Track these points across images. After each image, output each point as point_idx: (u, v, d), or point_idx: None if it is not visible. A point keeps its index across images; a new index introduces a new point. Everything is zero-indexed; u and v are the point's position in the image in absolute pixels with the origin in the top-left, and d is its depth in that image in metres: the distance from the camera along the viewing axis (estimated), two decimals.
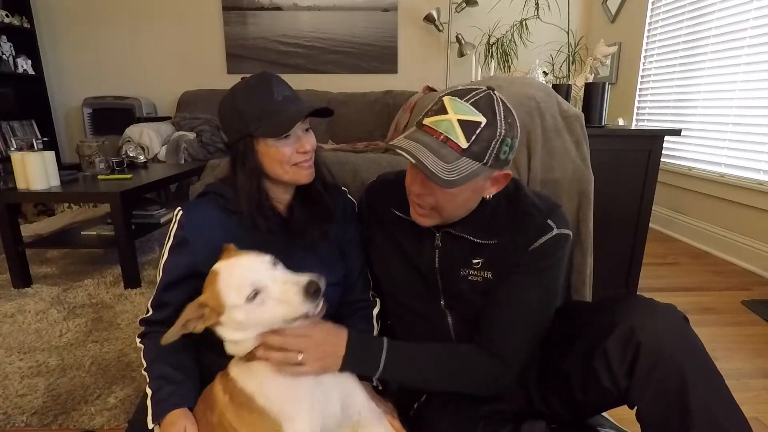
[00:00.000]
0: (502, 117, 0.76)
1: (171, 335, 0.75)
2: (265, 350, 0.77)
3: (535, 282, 0.87)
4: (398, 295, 1.01)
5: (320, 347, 0.80)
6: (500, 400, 0.91)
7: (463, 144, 0.75)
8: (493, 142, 0.76)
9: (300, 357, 0.77)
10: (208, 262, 0.84)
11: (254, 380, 0.77)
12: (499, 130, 0.76)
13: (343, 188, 1.11)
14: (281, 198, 0.99)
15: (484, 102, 0.76)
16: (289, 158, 0.90)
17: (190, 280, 0.90)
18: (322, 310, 0.77)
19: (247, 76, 0.92)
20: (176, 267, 0.90)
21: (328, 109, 0.93)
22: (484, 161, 0.76)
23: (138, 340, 0.93)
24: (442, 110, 0.78)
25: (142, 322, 0.93)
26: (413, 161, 0.74)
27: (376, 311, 1.05)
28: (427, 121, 0.79)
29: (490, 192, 0.85)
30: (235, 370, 0.80)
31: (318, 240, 0.99)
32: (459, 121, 0.75)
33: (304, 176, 0.94)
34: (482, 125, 0.75)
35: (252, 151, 0.90)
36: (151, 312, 0.91)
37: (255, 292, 0.73)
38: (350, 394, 0.85)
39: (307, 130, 0.94)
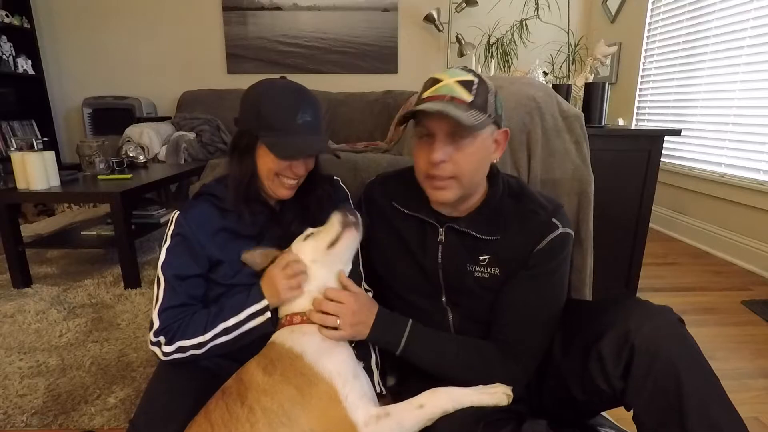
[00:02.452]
0: (485, 78, 0.86)
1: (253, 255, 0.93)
2: (310, 312, 0.88)
3: (546, 283, 0.88)
4: (399, 290, 1.01)
5: (355, 315, 0.87)
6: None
7: (468, 98, 0.81)
8: (489, 95, 0.84)
9: (338, 321, 0.85)
10: (210, 250, 0.92)
11: (303, 340, 0.83)
12: (489, 85, 0.85)
13: (336, 177, 1.12)
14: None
15: (468, 69, 0.87)
16: (279, 171, 0.93)
17: (196, 277, 0.92)
18: (358, 225, 0.93)
19: (287, 78, 0.97)
20: (182, 265, 0.91)
21: (335, 154, 0.99)
22: (489, 113, 0.83)
23: (161, 350, 0.86)
24: (436, 81, 0.85)
25: (157, 333, 0.87)
26: (438, 109, 0.79)
27: None
28: (426, 95, 0.85)
29: (496, 156, 0.91)
30: (282, 336, 0.86)
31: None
32: (457, 81, 0.83)
33: (282, 193, 0.96)
34: (476, 82, 0.83)
35: (252, 150, 0.93)
36: (158, 323, 0.87)
37: (306, 235, 0.95)
38: None
39: (308, 155, 0.96)
